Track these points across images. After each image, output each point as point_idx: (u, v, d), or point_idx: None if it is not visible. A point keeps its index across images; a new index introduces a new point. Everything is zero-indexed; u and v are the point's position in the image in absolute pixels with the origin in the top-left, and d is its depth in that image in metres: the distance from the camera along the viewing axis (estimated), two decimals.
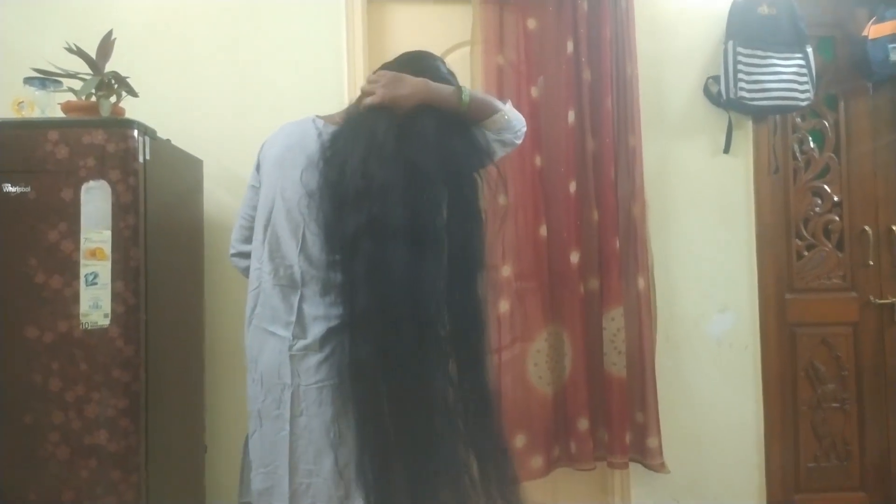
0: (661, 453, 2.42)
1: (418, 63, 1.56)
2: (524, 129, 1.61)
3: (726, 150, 2.61)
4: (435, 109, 1.45)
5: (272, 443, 1.46)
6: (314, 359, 1.43)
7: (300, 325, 1.45)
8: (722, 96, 2.54)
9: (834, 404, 2.67)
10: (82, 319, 1.71)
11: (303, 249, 1.45)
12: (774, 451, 2.59)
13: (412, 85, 1.46)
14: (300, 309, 1.45)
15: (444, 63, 1.65)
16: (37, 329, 1.72)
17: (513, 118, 1.54)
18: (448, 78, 1.59)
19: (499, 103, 1.54)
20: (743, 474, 2.57)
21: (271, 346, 1.47)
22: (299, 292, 1.45)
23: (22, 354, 1.72)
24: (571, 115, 2.45)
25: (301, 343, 1.44)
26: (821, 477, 2.65)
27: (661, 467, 2.42)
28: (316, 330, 1.44)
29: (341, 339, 1.42)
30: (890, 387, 2.67)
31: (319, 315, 1.44)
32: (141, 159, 1.75)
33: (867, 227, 2.69)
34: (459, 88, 1.48)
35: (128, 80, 1.92)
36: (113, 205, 1.71)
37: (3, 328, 1.73)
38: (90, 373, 1.73)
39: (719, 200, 2.62)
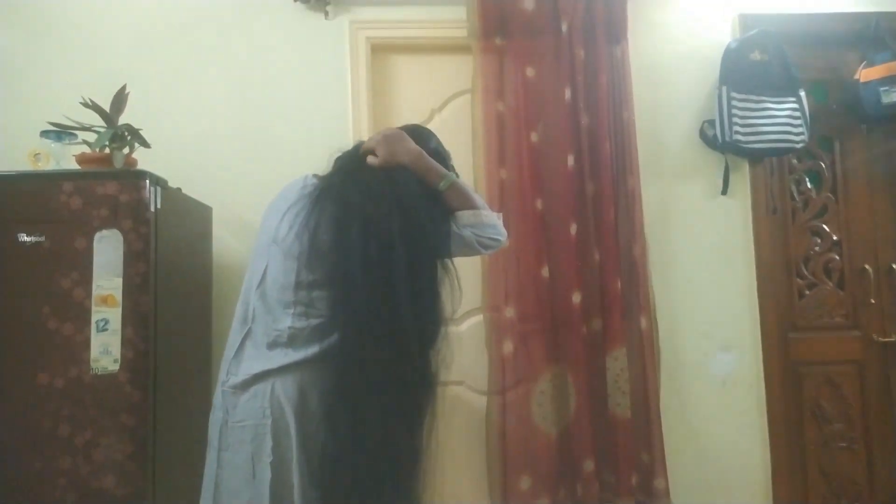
0: (668, 494, 2.40)
1: (413, 135, 1.62)
2: (500, 238, 1.62)
3: (724, 192, 2.66)
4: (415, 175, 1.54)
5: (207, 473, 1.53)
6: (241, 398, 1.47)
7: (237, 361, 1.50)
8: (718, 139, 2.60)
9: (841, 444, 2.65)
10: (92, 365, 1.75)
11: (261, 286, 1.52)
12: (782, 492, 2.57)
13: (409, 150, 1.55)
14: (242, 346, 1.51)
15: (438, 142, 1.74)
16: (48, 375, 1.75)
17: (487, 220, 1.58)
18: (436, 153, 1.66)
19: (479, 202, 1.59)
20: None
21: (220, 380, 1.54)
22: (248, 328, 1.52)
23: (33, 400, 1.75)
24: (571, 160, 2.51)
25: (233, 380, 1.49)
26: None
27: None
28: (248, 368, 1.48)
29: (273, 381, 1.45)
30: None
31: (257, 355, 1.49)
32: (152, 208, 1.81)
33: (867, 266, 2.71)
34: (448, 174, 1.56)
35: (140, 131, 2.00)
36: (124, 253, 1.76)
37: (16, 375, 1.76)
38: (99, 417, 1.75)
39: (719, 241, 2.66)
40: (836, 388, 2.68)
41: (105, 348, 1.74)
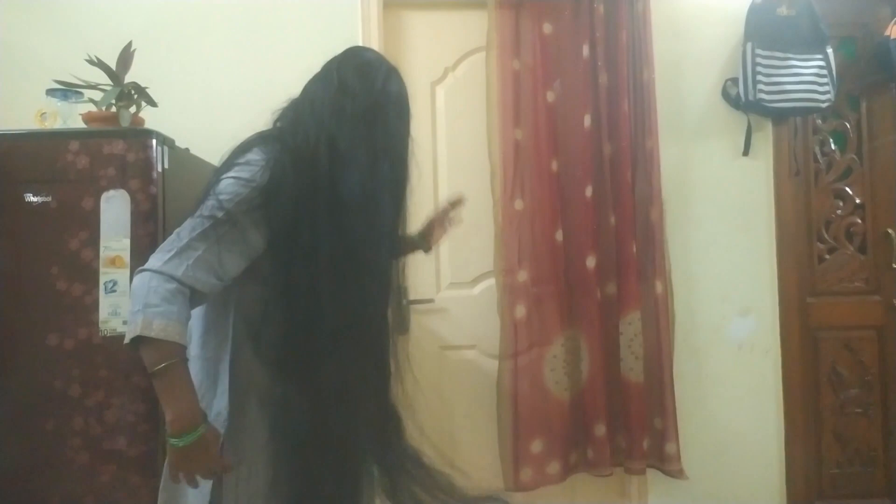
0: (679, 459, 2.40)
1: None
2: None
3: (745, 153, 2.58)
4: None
5: None
6: None
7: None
8: (741, 98, 2.51)
9: (857, 409, 2.63)
10: (101, 326, 1.74)
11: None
12: (796, 457, 2.56)
13: None
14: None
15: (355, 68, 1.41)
16: (58, 336, 1.75)
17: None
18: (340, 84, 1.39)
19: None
20: (763, 480, 2.53)
21: None
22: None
23: (44, 361, 1.75)
24: (588, 119, 2.44)
25: None
26: (844, 483, 2.61)
27: (679, 473, 2.39)
28: None
29: None
30: None
31: None
32: (160, 168, 1.78)
33: (890, 230, 2.64)
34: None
35: (147, 90, 1.95)
36: (132, 213, 1.74)
37: (27, 335, 1.76)
38: (110, 378, 1.75)
39: (739, 203, 2.59)
40: (853, 354, 2.64)
41: (114, 309, 1.73)
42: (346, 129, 1.29)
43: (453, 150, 2.61)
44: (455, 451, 2.53)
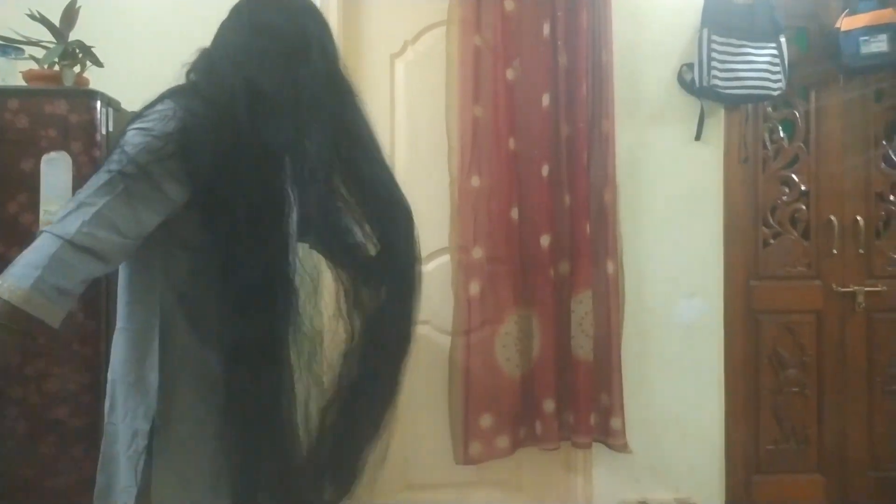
0: (623, 434, 2.46)
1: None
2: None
3: (697, 138, 2.63)
4: None
5: None
6: None
7: None
8: (695, 84, 2.55)
9: (794, 389, 2.73)
10: None
11: None
12: (735, 434, 2.65)
13: None
14: None
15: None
16: None
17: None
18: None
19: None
20: (704, 455, 2.62)
21: None
22: None
23: None
24: (546, 99, 2.45)
25: None
26: (779, 459, 2.72)
27: (623, 447, 2.46)
28: None
29: None
30: (849, 373, 2.73)
31: None
32: (104, 131, 1.72)
33: (833, 217, 2.73)
34: None
35: (92, 49, 1.88)
36: (74, 177, 1.68)
37: None
38: (50, 347, 1.71)
39: (690, 187, 2.65)
40: (794, 336, 2.74)
41: None
42: (266, 72, 1.21)
43: (411, 125, 2.60)
44: (406, 425, 2.54)
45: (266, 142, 1.19)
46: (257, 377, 1.22)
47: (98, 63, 1.89)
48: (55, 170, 1.67)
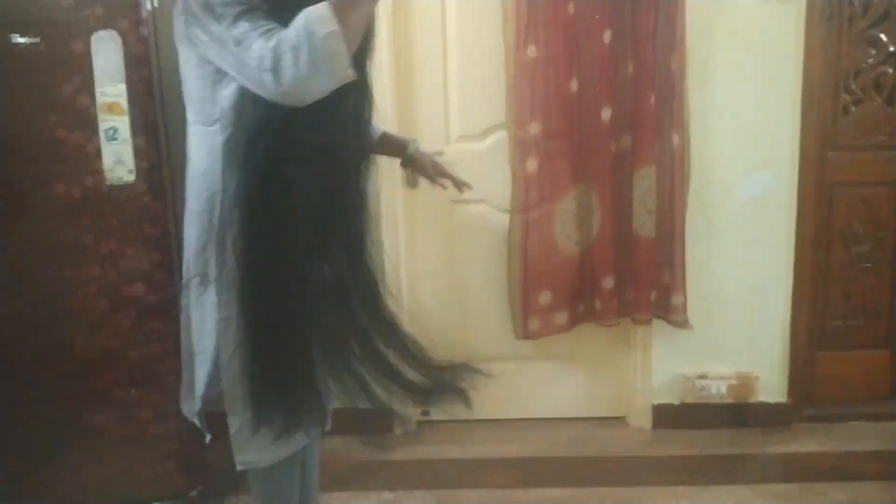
0: (685, 310, 2.44)
1: None
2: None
3: None
4: None
5: None
6: None
7: None
8: None
9: (867, 264, 2.62)
10: (107, 175, 1.72)
11: None
12: (801, 310, 2.59)
13: None
14: None
15: None
16: (64, 185, 1.74)
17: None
18: None
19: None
20: (767, 331, 2.58)
21: None
22: None
23: (53, 211, 1.76)
24: None
25: None
26: (846, 335, 2.66)
27: (684, 323, 2.45)
28: None
29: None
30: None
31: None
32: (149, 6, 1.68)
33: None
34: None
35: None
36: (125, 56, 1.66)
37: (33, 186, 1.75)
38: (122, 228, 1.76)
39: (766, 51, 2.44)
40: (870, 209, 2.60)
41: (118, 158, 1.71)
42: None
43: None
44: (466, 302, 2.59)
45: None
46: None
47: None
48: (105, 50, 1.65)
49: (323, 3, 1.07)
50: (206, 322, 1.30)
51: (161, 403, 1.82)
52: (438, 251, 2.59)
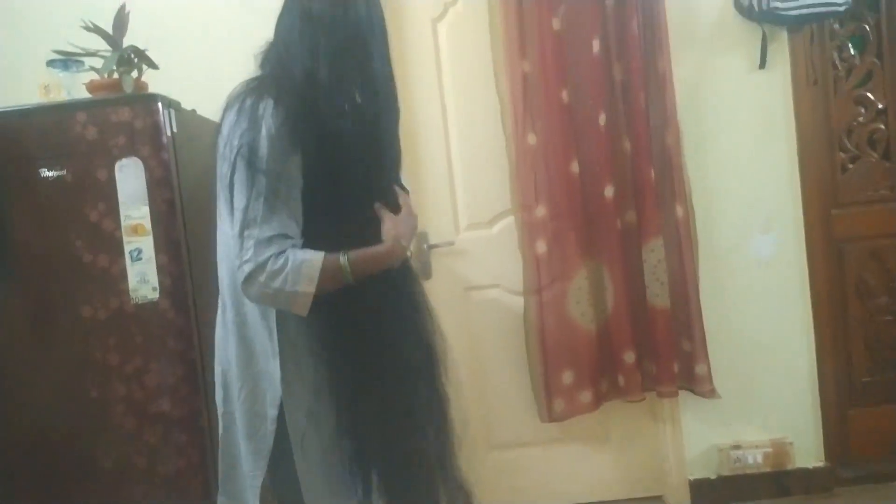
0: (710, 380, 2.41)
1: None
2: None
3: (762, 66, 2.50)
4: None
5: None
6: None
7: None
8: (754, 9, 2.41)
9: (887, 317, 2.61)
10: (132, 295, 1.77)
11: None
12: (827, 368, 2.56)
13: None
14: None
15: None
16: (91, 307, 1.78)
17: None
18: None
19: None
20: (796, 393, 2.55)
21: None
22: None
23: (80, 332, 1.79)
24: (596, 44, 2.37)
25: None
26: (876, 390, 2.61)
27: (711, 393, 2.42)
28: None
29: None
30: None
31: None
32: (169, 133, 1.77)
33: None
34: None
35: (146, 52, 1.92)
36: (147, 180, 1.74)
37: (61, 309, 1.79)
38: (146, 345, 1.79)
39: (757, 118, 2.52)
40: (880, 262, 2.61)
41: (142, 277, 1.75)
42: (324, 64, 1.27)
43: (460, 89, 2.56)
44: (487, 388, 2.57)
45: (331, 132, 1.26)
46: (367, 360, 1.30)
47: (153, 65, 1.94)
48: (128, 176, 1.73)
49: (339, 256, 1.24)
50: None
51: None
52: (456, 339, 2.56)
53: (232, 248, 1.25)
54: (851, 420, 2.61)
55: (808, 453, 2.55)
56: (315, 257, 1.22)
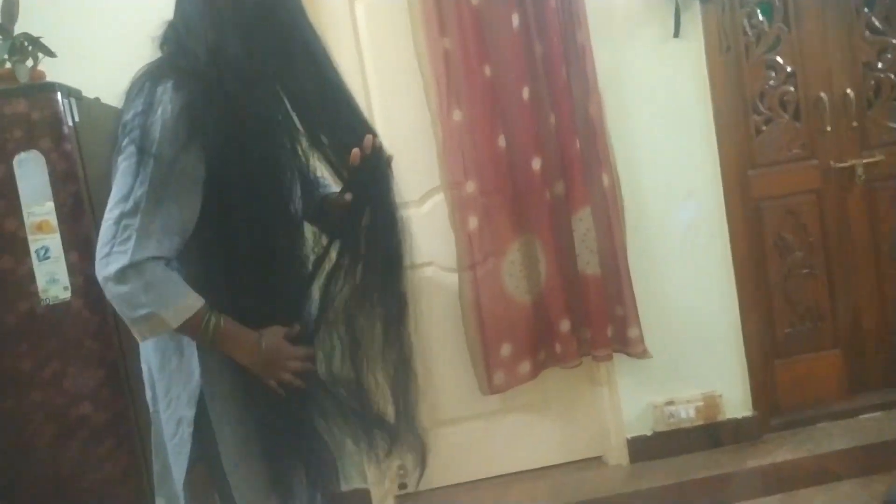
0: (642, 341, 2.48)
1: None
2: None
3: (676, 35, 2.55)
4: None
5: None
6: None
7: None
8: None
9: (804, 271, 2.74)
10: (42, 296, 1.68)
11: None
12: (751, 323, 2.67)
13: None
14: None
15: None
16: None
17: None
18: None
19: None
20: (723, 349, 2.65)
21: None
22: None
23: None
24: (516, 19, 2.37)
25: None
26: (797, 341, 2.75)
27: (643, 354, 2.49)
28: None
29: None
30: (855, 247, 2.74)
31: None
32: (70, 123, 1.67)
33: (822, 94, 2.68)
34: None
35: (41, 39, 1.81)
36: (50, 174, 1.64)
37: None
38: (61, 348, 1.70)
39: (674, 87, 2.58)
40: (797, 218, 2.73)
41: (51, 277, 1.67)
42: (232, 38, 1.17)
43: (382, 69, 2.52)
44: (426, 365, 2.56)
45: (255, 109, 1.17)
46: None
47: (50, 53, 1.83)
48: (29, 171, 1.63)
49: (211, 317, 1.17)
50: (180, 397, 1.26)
51: None
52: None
53: (102, 233, 1.13)
54: (776, 370, 2.74)
55: (738, 405, 2.66)
56: (194, 301, 1.14)
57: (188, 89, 1.14)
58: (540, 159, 2.42)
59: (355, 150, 1.26)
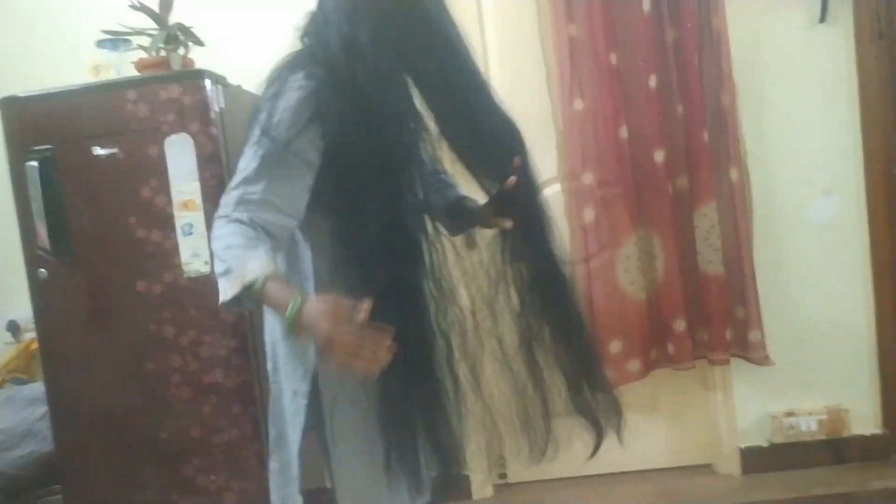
0: (764, 346, 2.36)
1: None
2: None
3: (822, 19, 2.37)
4: None
5: None
6: None
7: None
8: None
9: None
10: (185, 269, 1.81)
11: None
12: (888, 336, 2.46)
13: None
14: None
15: None
16: (146, 283, 1.83)
17: None
18: None
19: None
20: (854, 361, 2.47)
21: None
22: None
23: (136, 307, 1.85)
24: (647, 3, 2.28)
25: None
26: None
27: (764, 360, 2.36)
28: None
29: None
30: None
31: None
32: (216, 108, 1.78)
33: None
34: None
35: (192, 29, 1.93)
36: (197, 156, 1.76)
37: (117, 285, 1.85)
38: (199, 318, 1.84)
39: (818, 76, 2.40)
40: None
41: (194, 251, 1.79)
42: (365, 28, 1.18)
43: (505, 55, 2.50)
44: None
45: (382, 100, 1.18)
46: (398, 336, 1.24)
47: (199, 42, 1.95)
48: (178, 152, 1.76)
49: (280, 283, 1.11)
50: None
51: (246, 489, 1.86)
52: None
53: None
54: None
55: (866, 421, 2.48)
56: (254, 270, 1.09)
57: (317, 79, 1.18)
58: (663, 151, 2.33)
59: (511, 179, 1.30)
